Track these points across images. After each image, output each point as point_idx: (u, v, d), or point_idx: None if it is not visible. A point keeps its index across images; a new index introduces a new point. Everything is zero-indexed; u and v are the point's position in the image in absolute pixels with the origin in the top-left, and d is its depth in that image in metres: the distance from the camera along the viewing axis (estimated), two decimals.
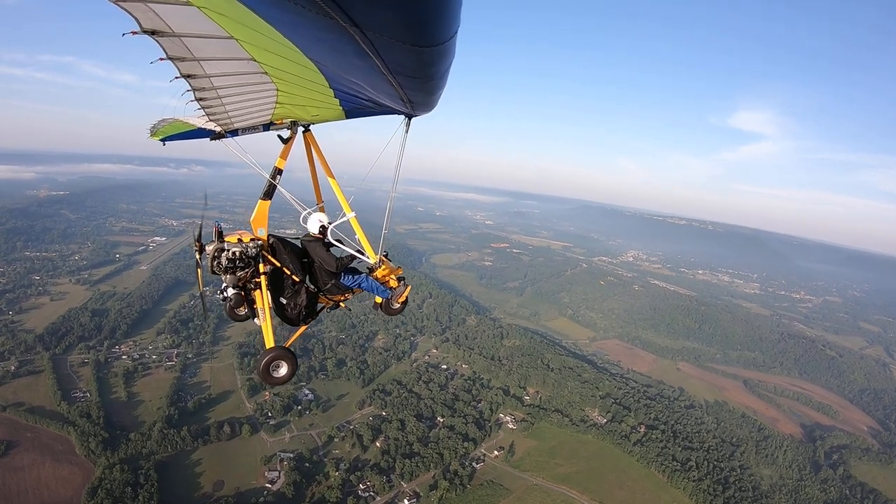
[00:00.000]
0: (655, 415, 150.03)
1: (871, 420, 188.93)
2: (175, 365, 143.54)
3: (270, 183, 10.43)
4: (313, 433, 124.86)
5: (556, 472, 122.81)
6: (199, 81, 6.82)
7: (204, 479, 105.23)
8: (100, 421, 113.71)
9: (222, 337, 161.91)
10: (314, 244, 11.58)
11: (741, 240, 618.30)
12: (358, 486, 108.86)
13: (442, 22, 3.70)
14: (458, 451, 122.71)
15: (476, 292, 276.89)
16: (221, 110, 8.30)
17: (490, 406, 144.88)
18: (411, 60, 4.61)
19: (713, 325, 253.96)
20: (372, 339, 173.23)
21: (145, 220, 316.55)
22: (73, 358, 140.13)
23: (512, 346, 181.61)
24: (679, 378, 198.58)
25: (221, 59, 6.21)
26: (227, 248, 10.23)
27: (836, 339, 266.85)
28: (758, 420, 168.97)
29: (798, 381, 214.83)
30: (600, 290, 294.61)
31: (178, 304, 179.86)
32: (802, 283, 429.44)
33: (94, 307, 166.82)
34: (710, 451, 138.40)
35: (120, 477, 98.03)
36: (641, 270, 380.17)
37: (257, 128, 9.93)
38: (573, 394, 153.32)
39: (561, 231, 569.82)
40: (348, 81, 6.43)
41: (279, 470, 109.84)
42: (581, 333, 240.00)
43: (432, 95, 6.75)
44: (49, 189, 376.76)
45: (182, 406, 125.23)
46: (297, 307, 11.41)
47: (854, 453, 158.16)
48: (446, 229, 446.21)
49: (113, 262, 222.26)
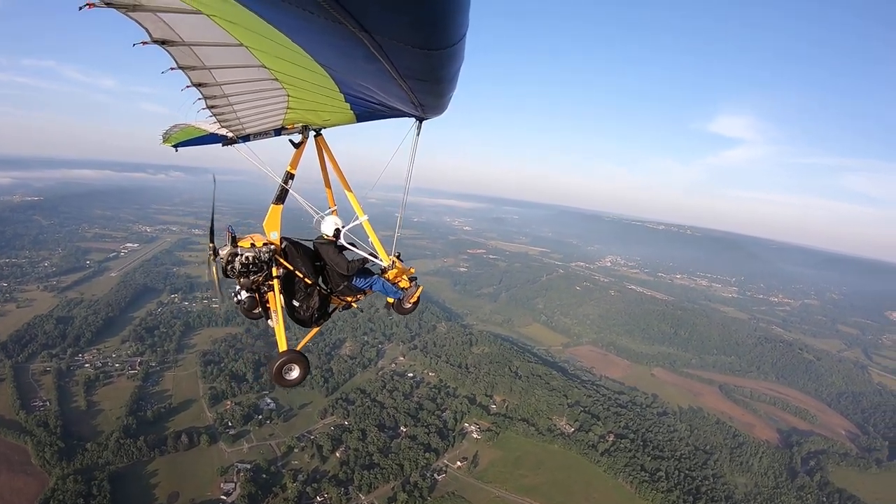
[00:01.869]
0: (626, 423, 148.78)
1: (850, 424, 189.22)
2: (137, 373, 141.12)
3: (282, 187, 10.60)
4: (273, 443, 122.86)
5: (521, 483, 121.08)
6: (210, 90, 6.96)
7: (159, 491, 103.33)
8: (57, 430, 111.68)
9: (187, 344, 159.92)
10: (326, 247, 11.70)
11: (720, 244, 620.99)
12: (315, 498, 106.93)
13: (450, 25, 3.69)
14: (420, 463, 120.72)
15: (449, 298, 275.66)
16: (233, 117, 8.53)
17: (455, 415, 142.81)
18: (421, 64, 4.62)
19: (689, 329, 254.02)
20: (339, 347, 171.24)
21: (119, 227, 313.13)
22: (35, 366, 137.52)
23: (480, 354, 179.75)
24: (653, 384, 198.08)
25: (232, 66, 6.33)
26: (240, 253, 10.36)
27: (814, 342, 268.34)
28: (733, 426, 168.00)
29: (775, 386, 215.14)
30: (576, 296, 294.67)
31: (144, 312, 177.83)
32: (781, 286, 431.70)
33: (60, 314, 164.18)
34: (682, 460, 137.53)
35: (73, 488, 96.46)
36: (619, 275, 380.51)
37: (269, 133, 10.15)
38: (541, 402, 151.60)
39: (539, 237, 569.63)
40: (358, 85, 6.50)
41: (235, 481, 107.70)
42: (554, 340, 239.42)
43: (442, 98, 6.83)
44: (24, 195, 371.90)
45: (141, 415, 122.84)
46: (310, 309, 11.62)
47: (832, 458, 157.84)
48: (423, 235, 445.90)
49: (83, 268, 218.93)
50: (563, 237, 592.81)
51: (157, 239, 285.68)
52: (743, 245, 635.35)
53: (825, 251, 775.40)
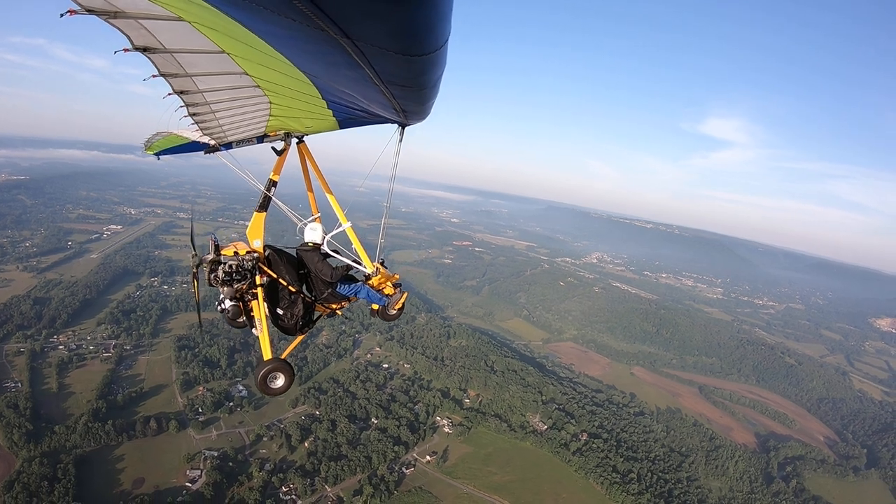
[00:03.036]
0: (600, 422, 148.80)
1: (829, 430, 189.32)
2: (111, 356, 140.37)
3: (265, 195, 10.51)
4: (242, 431, 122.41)
5: (489, 480, 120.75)
6: (192, 97, 6.96)
7: (124, 476, 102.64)
8: (26, 413, 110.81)
9: (163, 329, 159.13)
10: (310, 254, 11.60)
11: (707, 245, 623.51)
12: (280, 488, 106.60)
13: (432, 31, 3.65)
14: (388, 456, 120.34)
15: (431, 290, 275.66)
16: (215, 124, 8.53)
17: (427, 408, 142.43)
18: (403, 70, 4.58)
19: (671, 329, 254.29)
20: (316, 336, 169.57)
21: (103, 208, 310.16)
22: (9, 347, 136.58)
23: (457, 347, 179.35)
24: (632, 383, 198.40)
25: (214, 73, 6.32)
26: (223, 262, 10.29)
27: (796, 347, 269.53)
28: (710, 428, 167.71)
29: (755, 389, 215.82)
30: (559, 292, 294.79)
31: (123, 295, 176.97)
32: (766, 289, 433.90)
33: (38, 295, 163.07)
34: (657, 462, 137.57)
35: (38, 471, 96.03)
36: (604, 272, 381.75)
37: (251, 140, 10.15)
38: (514, 398, 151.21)
39: (527, 231, 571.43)
40: (341, 92, 6.46)
41: (202, 469, 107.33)
42: (535, 335, 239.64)
43: (425, 104, 6.76)
44: (9, 174, 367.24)
45: (111, 399, 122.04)
46: (294, 317, 11.49)
47: (809, 465, 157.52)
48: (410, 226, 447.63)
49: (64, 249, 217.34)
50: (551, 233, 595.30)
51: (140, 221, 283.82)
52: (730, 247, 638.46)
53: (812, 256, 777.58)
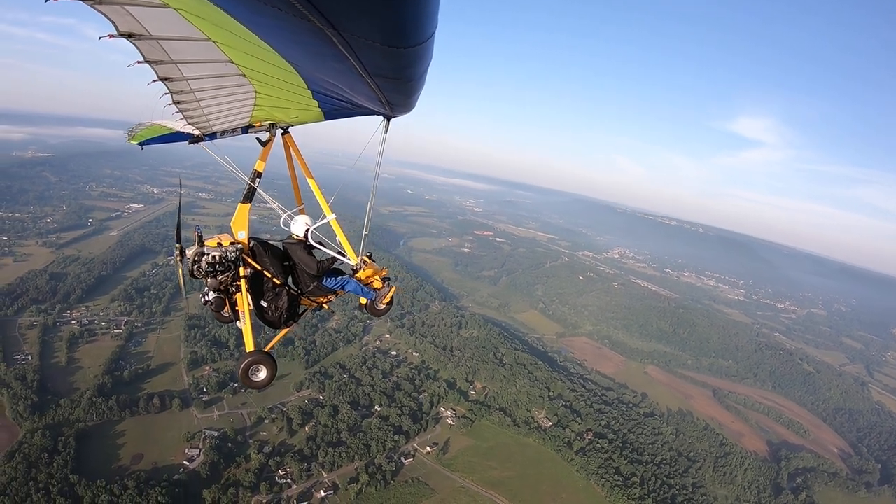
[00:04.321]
0: (607, 422, 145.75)
1: (843, 442, 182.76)
2: (122, 333, 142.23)
3: (250, 186, 10.54)
4: (244, 412, 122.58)
5: (488, 475, 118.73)
6: (176, 84, 6.85)
7: (124, 451, 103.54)
8: (33, 385, 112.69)
9: (175, 307, 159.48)
10: (295, 247, 11.56)
11: (731, 245, 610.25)
12: (276, 471, 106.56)
13: (419, 23, 3.70)
14: (387, 445, 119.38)
15: (448, 279, 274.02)
16: (199, 113, 8.41)
17: (431, 399, 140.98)
18: (389, 62, 4.61)
19: (689, 329, 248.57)
20: (327, 320, 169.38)
21: (126, 187, 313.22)
22: (23, 320, 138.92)
23: (468, 337, 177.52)
24: (644, 383, 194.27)
25: (199, 61, 6.19)
26: (206, 252, 10.29)
27: (816, 353, 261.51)
28: (721, 434, 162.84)
29: (771, 395, 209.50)
30: (577, 286, 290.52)
31: (138, 272, 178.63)
32: (789, 292, 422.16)
33: (55, 270, 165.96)
34: (662, 466, 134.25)
35: (40, 442, 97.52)
36: (625, 268, 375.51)
37: (236, 130, 10.02)
38: (521, 392, 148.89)
39: (549, 223, 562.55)
40: (326, 83, 6.39)
41: (200, 448, 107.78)
42: (549, 328, 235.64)
43: (410, 97, 6.73)
44: (36, 151, 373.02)
45: (118, 375, 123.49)
46: (278, 310, 11.43)
47: (820, 477, 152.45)
48: (432, 213, 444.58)
49: (84, 226, 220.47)
50: (574, 225, 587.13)
51: (162, 201, 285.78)
52: (755, 248, 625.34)
53: (836, 261, 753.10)
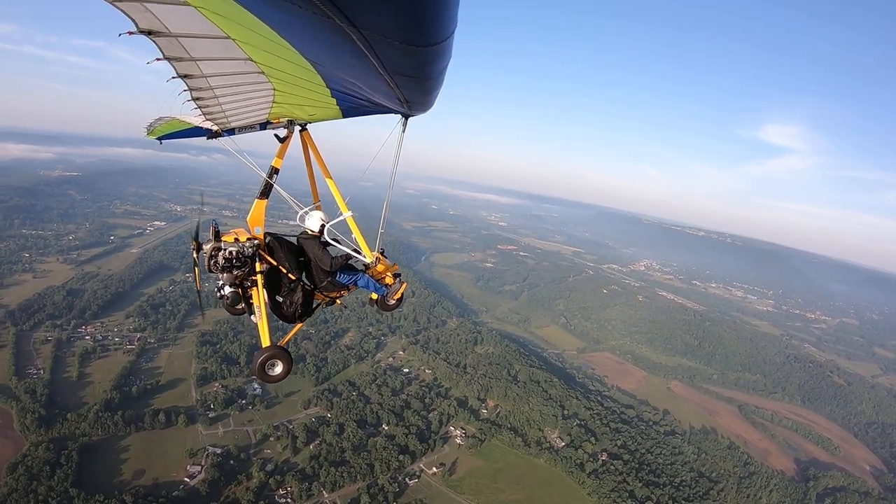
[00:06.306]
0: (624, 441, 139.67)
1: (876, 458, 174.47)
2: (134, 349, 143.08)
3: (267, 182, 10.51)
4: (250, 430, 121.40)
5: (495, 497, 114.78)
6: (195, 81, 6.85)
7: (126, 467, 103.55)
8: (42, 399, 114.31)
9: (189, 324, 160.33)
10: (310, 242, 11.69)
11: (760, 254, 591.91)
12: (277, 490, 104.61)
13: (439, 21, 3.70)
14: (392, 465, 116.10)
15: (469, 294, 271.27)
16: (218, 109, 8.40)
17: (441, 417, 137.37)
18: (408, 60, 4.61)
19: (715, 342, 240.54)
20: (341, 337, 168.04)
21: (150, 205, 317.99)
22: (38, 335, 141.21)
23: (482, 354, 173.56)
24: (667, 399, 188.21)
25: (218, 58, 6.20)
26: (223, 248, 10.32)
27: (847, 365, 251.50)
28: (747, 452, 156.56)
29: (799, 410, 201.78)
30: (601, 299, 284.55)
31: (155, 289, 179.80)
32: (819, 302, 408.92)
33: (73, 287, 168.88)
34: (681, 488, 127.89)
35: (43, 455, 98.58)
36: (651, 280, 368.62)
37: (254, 127, 10.02)
38: (534, 411, 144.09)
39: (575, 236, 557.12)
40: (345, 81, 6.37)
41: (202, 465, 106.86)
42: (570, 343, 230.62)
43: (429, 95, 6.63)
44: (63, 170, 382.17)
45: (126, 390, 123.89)
46: (294, 305, 11.55)
47: (851, 498, 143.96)
48: (456, 228, 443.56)
49: (105, 243, 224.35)
50: (600, 238, 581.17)
51: (185, 218, 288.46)
52: (784, 257, 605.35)
53: (868, 269, 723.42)
